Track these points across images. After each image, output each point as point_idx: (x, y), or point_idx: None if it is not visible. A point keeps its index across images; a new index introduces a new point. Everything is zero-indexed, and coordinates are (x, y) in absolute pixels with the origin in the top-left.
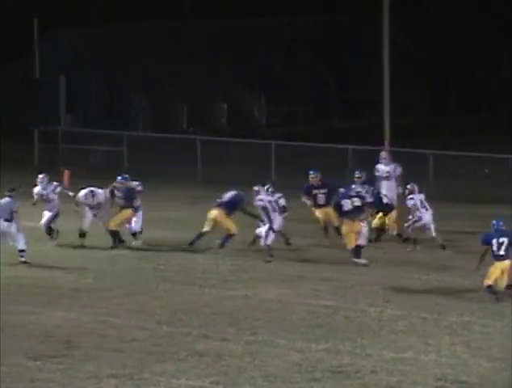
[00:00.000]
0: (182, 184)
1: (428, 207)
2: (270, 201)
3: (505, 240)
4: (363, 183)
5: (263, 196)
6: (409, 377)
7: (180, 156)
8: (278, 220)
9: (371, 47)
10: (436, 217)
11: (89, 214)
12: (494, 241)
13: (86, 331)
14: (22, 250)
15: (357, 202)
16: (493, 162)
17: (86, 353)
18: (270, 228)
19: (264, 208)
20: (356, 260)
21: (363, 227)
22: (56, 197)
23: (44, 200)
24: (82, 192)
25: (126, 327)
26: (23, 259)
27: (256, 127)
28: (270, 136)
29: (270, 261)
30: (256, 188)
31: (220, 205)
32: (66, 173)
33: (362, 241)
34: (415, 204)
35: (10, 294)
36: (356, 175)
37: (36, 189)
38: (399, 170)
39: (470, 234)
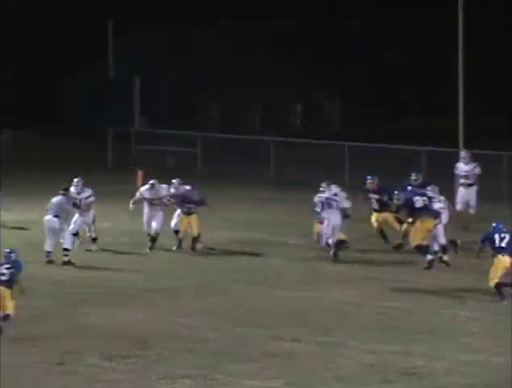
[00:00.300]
0: (254, 185)
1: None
2: (327, 198)
3: (506, 236)
4: (421, 185)
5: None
6: (482, 380)
7: (253, 157)
8: (334, 217)
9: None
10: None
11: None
12: (496, 236)
13: (160, 332)
14: (65, 250)
15: (427, 201)
16: None
17: (159, 354)
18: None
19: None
20: (444, 258)
21: (438, 226)
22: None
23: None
24: (144, 187)
25: (199, 328)
26: (66, 259)
27: (329, 128)
28: (344, 137)
29: (335, 261)
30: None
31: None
32: (140, 173)
33: (442, 240)
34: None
35: (84, 295)
36: (413, 178)
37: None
38: (478, 169)
39: None
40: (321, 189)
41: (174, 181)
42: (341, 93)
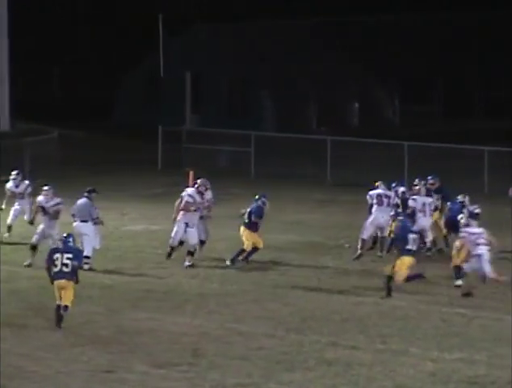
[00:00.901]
0: (310, 186)
1: (428, 213)
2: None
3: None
4: (438, 190)
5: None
6: None
7: (309, 156)
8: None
9: None
10: None
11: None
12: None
13: (212, 339)
14: (86, 257)
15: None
16: None
17: (212, 361)
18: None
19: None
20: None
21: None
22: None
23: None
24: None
25: (253, 335)
26: (86, 267)
27: (388, 127)
28: (404, 136)
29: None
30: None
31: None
32: (191, 174)
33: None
34: (414, 207)
35: (135, 300)
36: (429, 182)
37: (8, 185)
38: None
39: None
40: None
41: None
42: (401, 91)
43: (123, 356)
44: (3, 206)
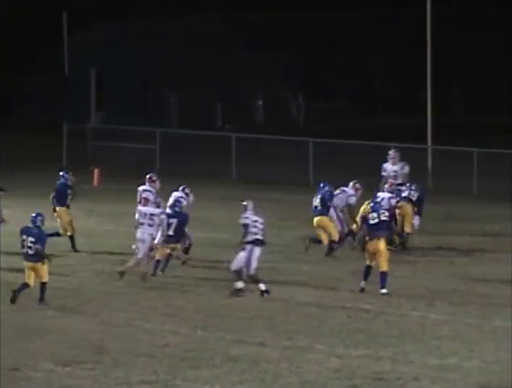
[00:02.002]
0: (216, 183)
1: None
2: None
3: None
4: None
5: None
6: (452, 385)
7: (215, 154)
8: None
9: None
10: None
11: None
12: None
13: (117, 336)
14: None
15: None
16: None
17: (117, 359)
18: None
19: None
20: None
21: None
22: None
23: None
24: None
25: (158, 332)
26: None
27: (293, 124)
28: (308, 133)
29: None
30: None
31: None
32: (96, 171)
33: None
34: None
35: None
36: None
37: None
38: (406, 168)
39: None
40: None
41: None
42: (305, 89)
43: (28, 354)
44: None
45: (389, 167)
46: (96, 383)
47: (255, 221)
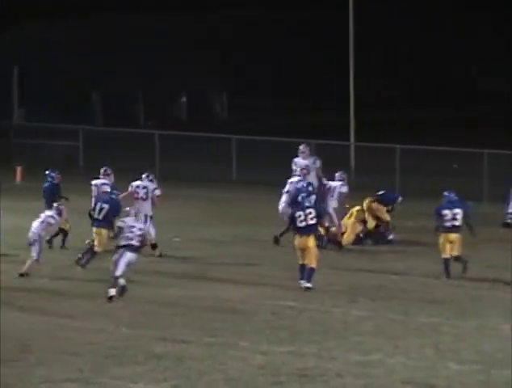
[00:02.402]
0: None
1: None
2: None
3: (459, 211)
4: None
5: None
6: (376, 381)
7: (138, 151)
8: None
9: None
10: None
11: None
12: (447, 212)
13: (42, 334)
14: None
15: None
16: (462, 157)
17: (41, 357)
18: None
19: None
20: None
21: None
22: None
23: None
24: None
25: (83, 330)
26: None
27: (217, 121)
28: (232, 130)
29: None
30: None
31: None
32: (19, 169)
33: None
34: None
35: None
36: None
37: None
38: (318, 163)
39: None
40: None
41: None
42: (229, 85)
43: None
44: None
45: (300, 162)
46: (20, 381)
47: (132, 227)
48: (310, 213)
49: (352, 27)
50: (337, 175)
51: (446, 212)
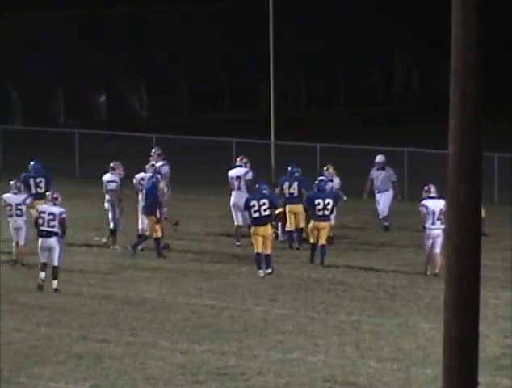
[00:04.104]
0: (59, 180)
1: None
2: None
3: (330, 201)
4: None
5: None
6: (296, 379)
7: (58, 150)
8: None
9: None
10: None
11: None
12: (319, 201)
13: None
14: None
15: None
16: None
17: None
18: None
19: None
20: None
21: None
22: None
23: None
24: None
25: (2, 329)
26: None
27: (137, 119)
28: (153, 128)
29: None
30: None
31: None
32: None
33: None
34: None
35: None
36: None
37: None
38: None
39: (358, 230)
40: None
41: None
42: (149, 83)
43: None
44: None
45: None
46: None
47: (42, 212)
48: (264, 204)
49: (272, 24)
50: (331, 169)
51: (318, 201)
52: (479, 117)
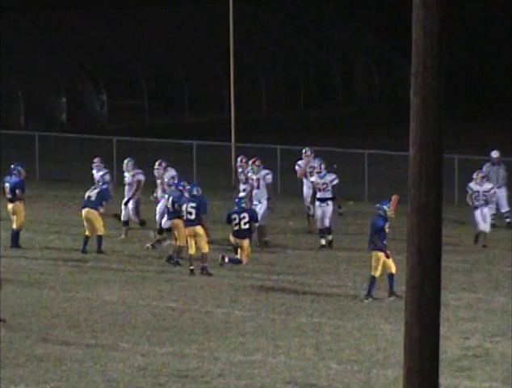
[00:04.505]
0: None
1: None
2: None
3: (194, 205)
4: None
5: None
6: (257, 381)
7: (18, 152)
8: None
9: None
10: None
11: None
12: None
13: None
14: None
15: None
16: (342, 157)
17: None
18: None
19: None
20: None
21: None
22: None
23: None
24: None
25: None
26: None
27: (97, 121)
28: (113, 131)
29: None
30: None
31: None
32: None
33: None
34: None
35: None
36: None
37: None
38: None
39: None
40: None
41: None
42: (109, 85)
43: None
44: None
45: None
46: None
47: None
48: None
49: (232, 22)
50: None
51: (184, 207)
52: (440, 119)
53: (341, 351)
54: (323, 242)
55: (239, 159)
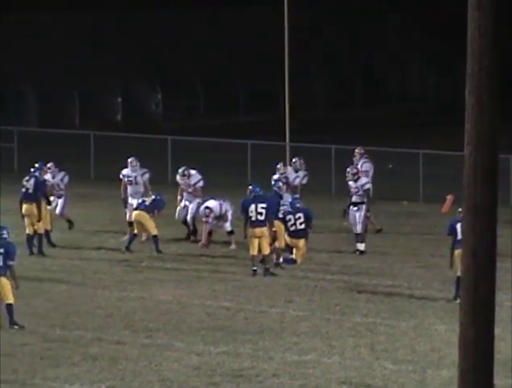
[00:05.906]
0: (74, 182)
1: None
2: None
3: (264, 205)
4: None
5: None
6: (312, 381)
7: (73, 152)
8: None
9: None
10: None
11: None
12: (253, 207)
13: None
14: None
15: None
16: (397, 157)
17: None
18: None
19: None
20: None
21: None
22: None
23: None
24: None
25: (17, 331)
26: None
27: (152, 121)
28: (167, 131)
29: None
30: None
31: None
32: None
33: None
34: None
35: None
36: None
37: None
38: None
39: (377, 234)
40: None
41: None
42: (164, 85)
43: None
44: None
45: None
46: None
47: None
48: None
49: (287, 25)
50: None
51: (253, 207)
52: (495, 119)
53: (395, 351)
54: (359, 246)
55: (294, 160)
